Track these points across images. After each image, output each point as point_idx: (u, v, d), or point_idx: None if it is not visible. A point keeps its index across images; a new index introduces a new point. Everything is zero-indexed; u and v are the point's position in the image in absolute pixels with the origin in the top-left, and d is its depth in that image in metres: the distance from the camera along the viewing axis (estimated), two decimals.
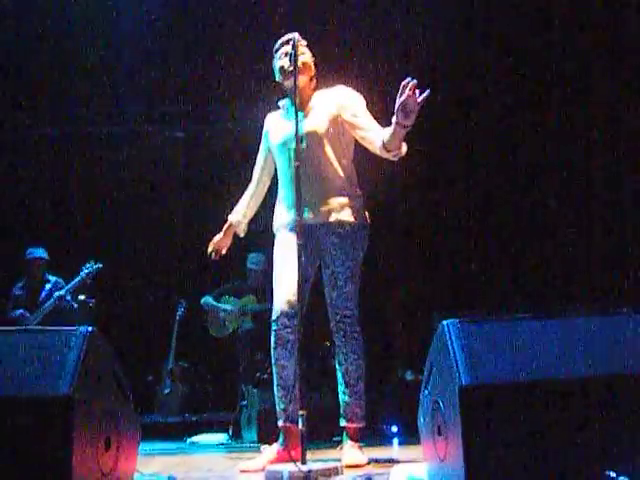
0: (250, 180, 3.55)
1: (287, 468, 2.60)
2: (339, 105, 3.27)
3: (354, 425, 3.20)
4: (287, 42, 3.15)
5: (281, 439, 3.17)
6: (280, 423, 3.18)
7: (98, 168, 6.38)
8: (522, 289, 5.73)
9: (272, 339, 3.22)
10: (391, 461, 3.14)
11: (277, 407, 3.21)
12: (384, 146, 3.05)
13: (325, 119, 3.24)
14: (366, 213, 3.32)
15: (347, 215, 3.22)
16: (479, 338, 1.90)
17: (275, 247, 3.33)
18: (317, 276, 3.33)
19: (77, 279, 5.51)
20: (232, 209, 3.56)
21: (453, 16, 5.65)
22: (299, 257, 2.83)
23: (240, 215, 3.51)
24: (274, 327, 3.21)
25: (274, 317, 3.22)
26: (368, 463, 3.03)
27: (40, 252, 5.66)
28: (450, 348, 1.89)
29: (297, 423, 2.77)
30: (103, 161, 6.40)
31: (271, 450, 3.18)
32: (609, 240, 5.57)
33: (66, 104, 6.15)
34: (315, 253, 3.27)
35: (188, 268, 6.24)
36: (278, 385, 3.20)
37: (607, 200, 5.67)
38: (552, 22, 5.72)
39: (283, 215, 3.31)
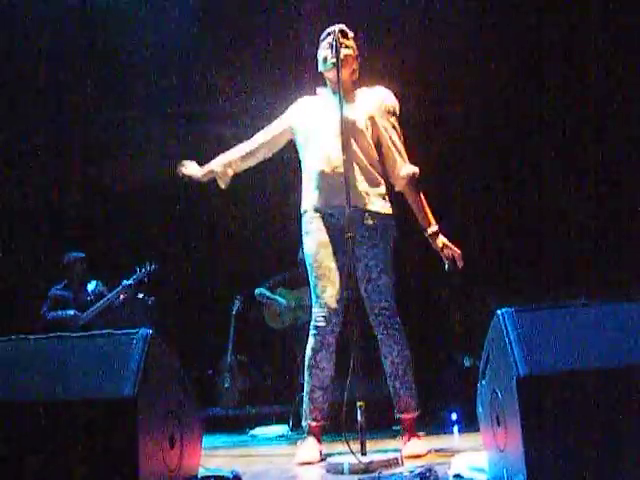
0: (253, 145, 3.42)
1: (348, 460, 2.63)
2: (377, 107, 3.31)
3: (409, 416, 3.20)
4: (332, 33, 3.17)
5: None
6: (313, 424, 3.20)
7: (145, 167, 6.49)
8: (577, 273, 5.64)
9: (314, 342, 3.19)
10: (451, 450, 3.14)
11: (308, 407, 3.22)
12: (401, 179, 3.26)
13: (363, 115, 3.26)
14: (390, 205, 3.30)
15: (376, 206, 3.22)
16: (534, 327, 1.88)
17: (308, 232, 3.25)
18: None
19: (138, 274, 5.53)
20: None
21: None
22: (347, 250, 2.86)
23: (221, 167, 3.40)
24: (318, 330, 3.18)
25: (320, 318, 3.18)
26: (428, 453, 3.03)
27: (79, 253, 5.69)
28: (506, 338, 1.88)
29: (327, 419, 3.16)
30: (149, 160, 6.50)
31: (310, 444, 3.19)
32: None
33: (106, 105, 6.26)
34: (347, 245, 3.23)
35: (243, 262, 6.32)
36: (313, 386, 3.20)
37: None
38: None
39: (315, 199, 3.23)
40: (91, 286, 5.67)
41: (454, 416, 4.83)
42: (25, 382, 1.83)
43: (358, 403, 2.70)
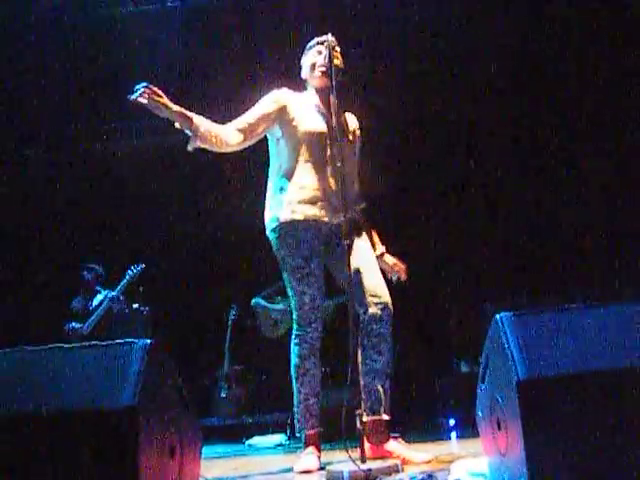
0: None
1: (347, 467, 2.62)
2: (358, 132, 3.46)
3: (389, 417, 3.15)
4: (323, 42, 3.20)
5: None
6: (311, 431, 3.18)
7: (143, 177, 6.49)
8: (574, 277, 5.66)
9: (300, 349, 3.17)
10: (451, 456, 3.14)
11: (303, 416, 3.19)
12: (360, 209, 3.42)
13: (352, 129, 3.41)
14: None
15: (360, 215, 3.41)
16: (533, 330, 1.88)
17: (290, 241, 3.15)
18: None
19: (124, 281, 5.67)
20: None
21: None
22: (348, 256, 2.86)
23: (202, 127, 2.99)
24: (305, 336, 3.17)
25: (304, 325, 3.17)
26: (429, 461, 3.00)
27: (93, 265, 5.85)
28: (505, 342, 1.87)
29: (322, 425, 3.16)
30: (150, 170, 6.50)
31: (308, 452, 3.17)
32: None
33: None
34: (324, 253, 3.26)
35: (238, 272, 6.31)
36: (307, 394, 3.18)
37: None
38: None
39: (301, 207, 3.17)
40: (100, 296, 5.77)
41: (452, 422, 4.84)
42: (23, 393, 1.82)
43: (357, 411, 2.70)
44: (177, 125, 2.97)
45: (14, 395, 1.79)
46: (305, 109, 3.30)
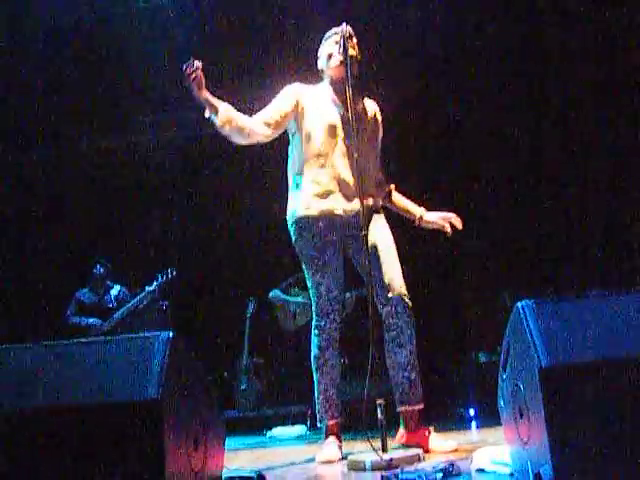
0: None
1: (369, 457, 2.63)
2: (378, 116, 3.44)
3: (421, 406, 3.18)
4: (339, 32, 3.20)
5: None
6: (332, 422, 3.22)
7: (160, 172, 6.53)
8: (592, 265, 5.63)
9: (320, 340, 3.21)
10: (471, 445, 3.14)
11: (324, 407, 3.23)
12: (388, 193, 3.42)
13: (372, 119, 3.39)
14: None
15: (379, 202, 3.38)
16: (555, 318, 1.87)
17: (306, 234, 3.21)
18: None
19: (160, 281, 5.60)
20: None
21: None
22: (366, 248, 2.87)
23: (231, 111, 3.09)
24: (324, 327, 3.20)
25: (322, 316, 3.20)
26: (456, 450, 3.00)
27: (104, 259, 5.84)
28: (527, 330, 1.87)
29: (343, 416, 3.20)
30: (164, 165, 6.53)
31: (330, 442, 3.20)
32: None
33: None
34: (345, 245, 3.28)
35: (256, 265, 6.33)
36: (327, 385, 3.21)
37: None
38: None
39: (315, 201, 3.21)
40: (114, 291, 5.75)
41: (472, 412, 4.83)
42: (48, 387, 1.84)
43: (378, 401, 2.71)
44: (206, 113, 3.05)
45: (39, 389, 1.82)
46: (318, 102, 3.31)
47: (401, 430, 3.20)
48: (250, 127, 3.13)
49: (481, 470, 2.31)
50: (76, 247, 6.15)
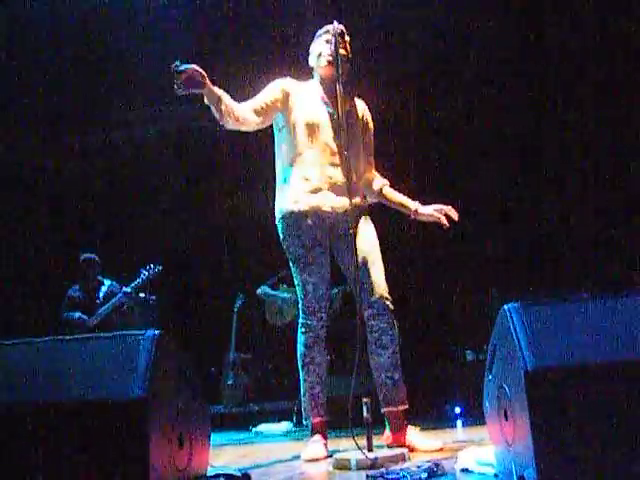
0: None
1: (354, 456, 2.64)
2: (367, 116, 3.43)
3: (406, 406, 3.19)
4: (330, 31, 3.19)
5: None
6: (317, 419, 3.23)
7: (148, 168, 6.51)
8: (581, 266, 5.65)
9: (306, 338, 3.21)
10: (457, 444, 3.15)
11: (309, 405, 3.24)
12: (378, 192, 3.39)
13: (361, 118, 3.38)
14: None
15: (364, 205, 3.35)
16: (542, 320, 1.88)
17: (293, 231, 3.19)
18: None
19: (138, 280, 5.63)
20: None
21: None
22: (354, 247, 2.87)
23: (228, 106, 3.06)
24: (310, 325, 3.20)
25: (308, 314, 3.20)
26: (441, 449, 3.01)
27: (90, 254, 5.81)
28: (513, 332, 1.87)
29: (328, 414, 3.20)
30: (153, 161, 6.51)
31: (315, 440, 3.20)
32: None
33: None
34: (331, 242, 3.28)
35: (244, 260, 6.33)
36: (312, 383, 3.22)
37: None
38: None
39: (304, 197, 3.20)
40: (104, 287, 5.76)
41: (457, 410, 4.85)
42: (33, 385, 1.83)
43: (364, 399, 2.71)
44: (206, 101, 3.02)
45: (24, 386, 1.81)
46: (308, 99, 3.30)
47: (386, 431, 3.20)
48: (243, 116, 3.12)
49: (466, 470, 2.31)
50: (69, 243, 6.13)
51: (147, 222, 6.45)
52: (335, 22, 3.12)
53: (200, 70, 2.90)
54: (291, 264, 3.26)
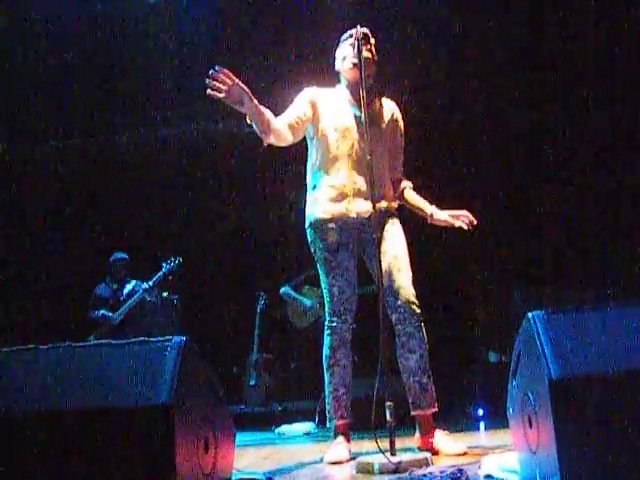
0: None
1: (377, 459, 2.64)
2: (396, 116, 3.43)
3: (434, 409, 3.20)
4: (355, 34, 3.20)
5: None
6: (340, 422, 3.25)
7: (171, 168, 6.54)
8: (604, 270, 5.60)
9: (331, 340, 3.24)
10: (480, 448, 3.14)
11: (333, 407, 3.26)
12: (400, 194, 3.41)
13: (387, 121, 3.38)
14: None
15: (394, 204, 3.36)
16: (566, 328, 1.88)
17: (319, 236, 3.25)
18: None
19: (159, 274, 5.74)
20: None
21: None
22: (378, 252, 2.89)
23: (267, 121, 3.03)
24: (336, 327, 3.23)
25: (334, 316, 3.24)
26: (465, 453, 3.00)
27: (122, 254, 5.93)
28: (537, 340, 1.87)
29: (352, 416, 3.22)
30: (176, 160, 6.55)
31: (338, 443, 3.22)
32: None
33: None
34: (359, 247, 3.29)
35: (268, 260, 6.35)
36: (337, 385, 3.24)
37: None
38: None
39: (330, 205, 3.24)
40: (130, 285, 5.85)
41: (480, 412, 4.84)
42: (61, 390, 1.86)
43: (387, 403, 2.71)
44: (248, 119, 2.99)
45: (52, 392, 1.84)
46: (335, 105, 3.33)
47: (417, 433, 3.23)
48: (282, 133, 3.13)
49: (490, 477, 2.31)
50: (96, 243, 6.21)
51: (169, 221, 6.49)
52: (358, 26, 3.13)
53: (241, 86, 2.82)
54: (318, 267, 3.31)
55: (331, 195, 3.25)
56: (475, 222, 3.29)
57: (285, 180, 5.89)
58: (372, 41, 3.26)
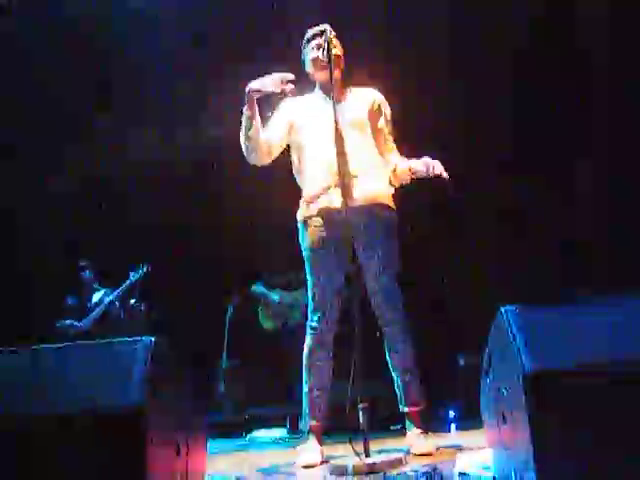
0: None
1: (351, 461, 2.63)
2: (376, 102, 3.41)
3: (419, 407, 3.24)
4: (320, 34, 3.22)
5: None
6: (313, 423, 3.25)
7: (140, 169, 6.45)
8: (577, 269, 5.64)
9: (312, 340, 3.24)
10: (453, 447, 3.15)
11: (308, 407, 3.26)
12: (393, 175, 3.35)
13: (365, 108, 3.36)
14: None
15: (384, 200, 3.29)
16: (539, 323, 1.88)
17: (306, 235, 3.27)
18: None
19: (126, 284, 5.70)
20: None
21: None
22: (353, 249, 2.91)
23: (258, 131, 3.24)
24: (315, 329, 3.22)
25: (314, 316, 3.23)
26: (437, 449, 3.02)
27: (88, 263, 5.87)
28: (510, 335, 1.86)
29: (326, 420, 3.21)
30: (144, 163, 6.46)
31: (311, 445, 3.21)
32: None
33: None
34: (348, 243, 3.23)
35: (237, 268, 6.29)
36: (312, 386, 3.24)
37: None
38: None
39: (314, 202, 3.27)
40: (98, 294, 5.80)
41: (451, 414, 4.84)
42: (27, 395, 1.81)
43: (360, 405, 2.70)
44: (244, 119, 3.17)
45: (20, 396, 1.78)
46: (311, 108, 3.36)
47: (407, 432, 3.26)
48: (264, 147, 3.28)
49: (464, 474, 2.31)
50: (62, 250, 6.12)
51: (135, 227, 6.39)
52: (321, 25, 3.15)
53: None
54: (305, 267, 3.31)
55: (315, 192, 3.26)
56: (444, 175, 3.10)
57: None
58: (334, 35, 3.23)
